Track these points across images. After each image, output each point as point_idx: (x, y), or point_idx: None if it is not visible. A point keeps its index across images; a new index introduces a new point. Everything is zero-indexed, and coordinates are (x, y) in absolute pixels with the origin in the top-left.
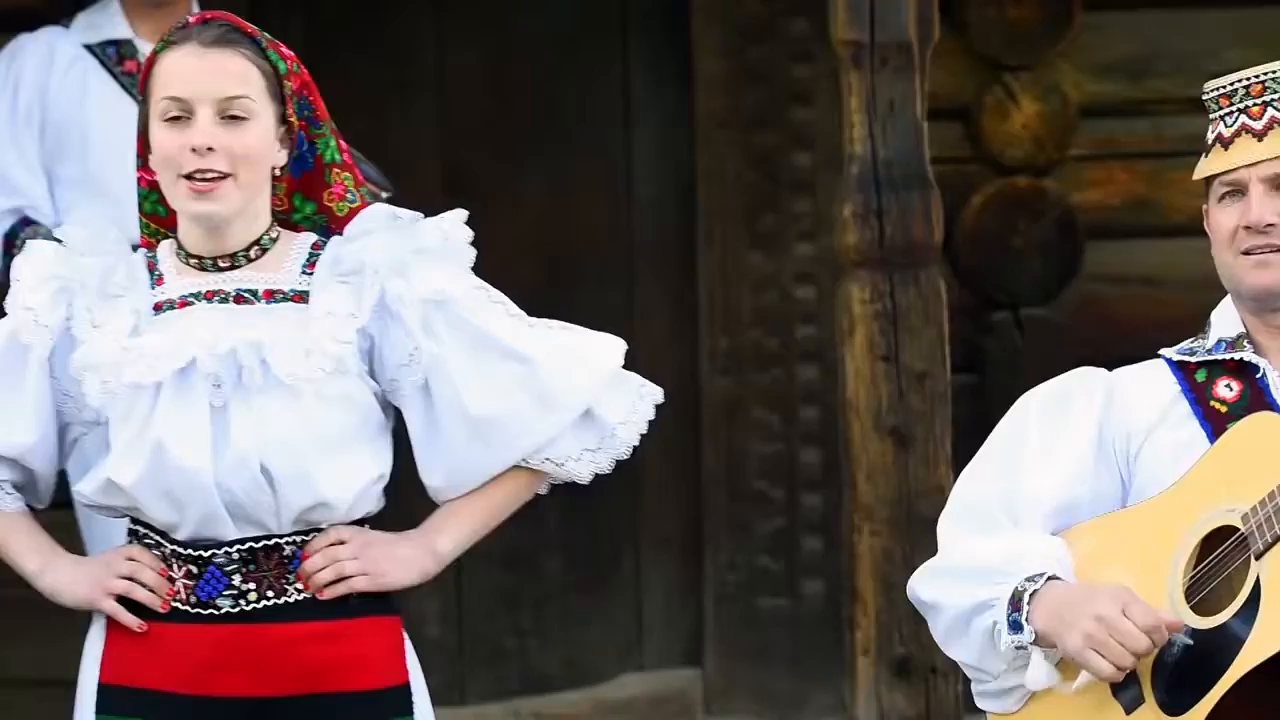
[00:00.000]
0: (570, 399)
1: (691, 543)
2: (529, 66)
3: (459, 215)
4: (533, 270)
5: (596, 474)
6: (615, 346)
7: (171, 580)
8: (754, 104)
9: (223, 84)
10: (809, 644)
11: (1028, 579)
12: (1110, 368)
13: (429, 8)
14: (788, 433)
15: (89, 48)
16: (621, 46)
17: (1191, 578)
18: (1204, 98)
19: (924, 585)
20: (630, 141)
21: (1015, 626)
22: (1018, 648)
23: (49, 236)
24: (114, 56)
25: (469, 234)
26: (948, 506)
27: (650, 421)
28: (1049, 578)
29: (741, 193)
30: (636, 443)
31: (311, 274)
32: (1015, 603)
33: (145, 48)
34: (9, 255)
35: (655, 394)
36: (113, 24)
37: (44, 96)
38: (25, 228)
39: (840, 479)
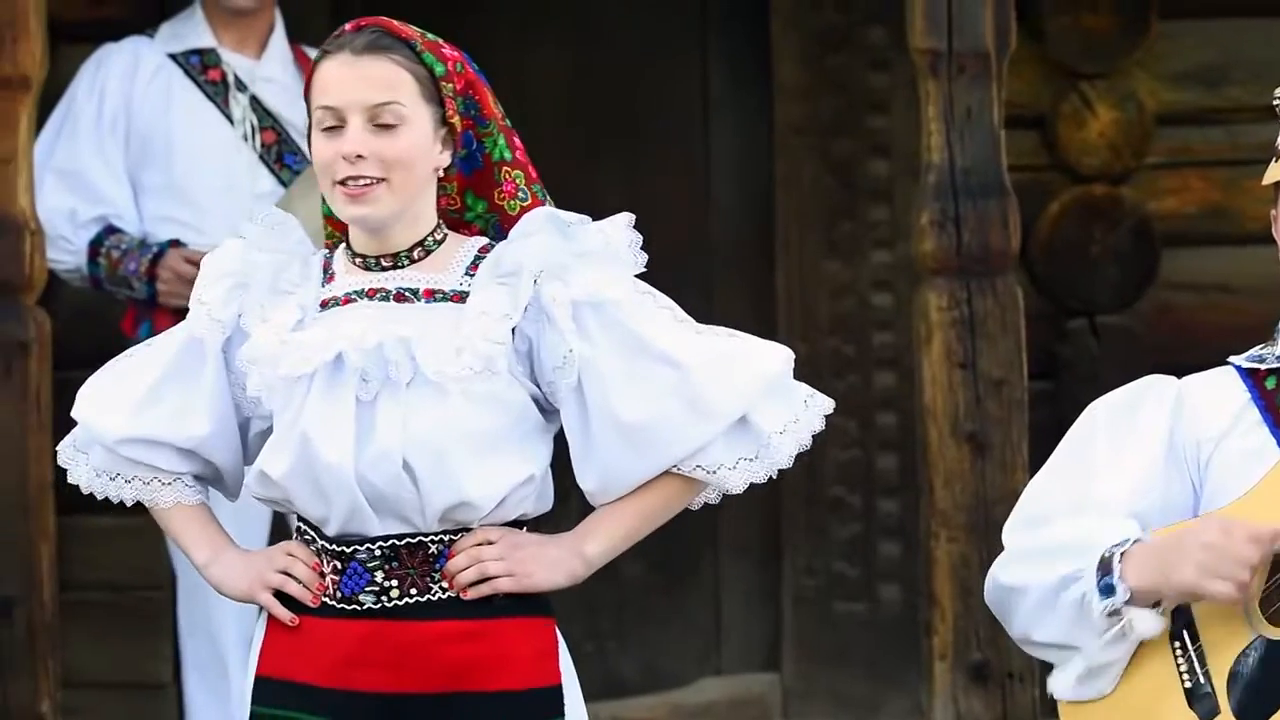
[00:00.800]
0: (723, 406)
1: (770, 548)
2: (608, 73)
3: (624, 219)
4: None
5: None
6: (780, 354)
7: (323, 575)
8: (832, 112)
9: (371, 91)
10: (886, 649)
11: (1114, 545)
12: (1185, 375)
13: (508, 11)
14: (865, 439)
15: (173, 57)
16: (700, 53)
17: (1266, 589)
18: (1274, 104)
19: (1005, 571)
20: (708, 148)
21: (1107, 590)
22: (1111, 613)
23: (141, 244)
24: (197, 65)
25: (634, 237)
26: (1015, 513)
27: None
28: (1135, 540)
29: (819, 200)
30: (797, 453)
31: (474, 276)
32: (1105, 567)
33: (228, 56)
34: (94, 263)
35: (824, 404)
36: (196, 33)
37: (129, 105)
38: (110, 236)
39: (917, 485)
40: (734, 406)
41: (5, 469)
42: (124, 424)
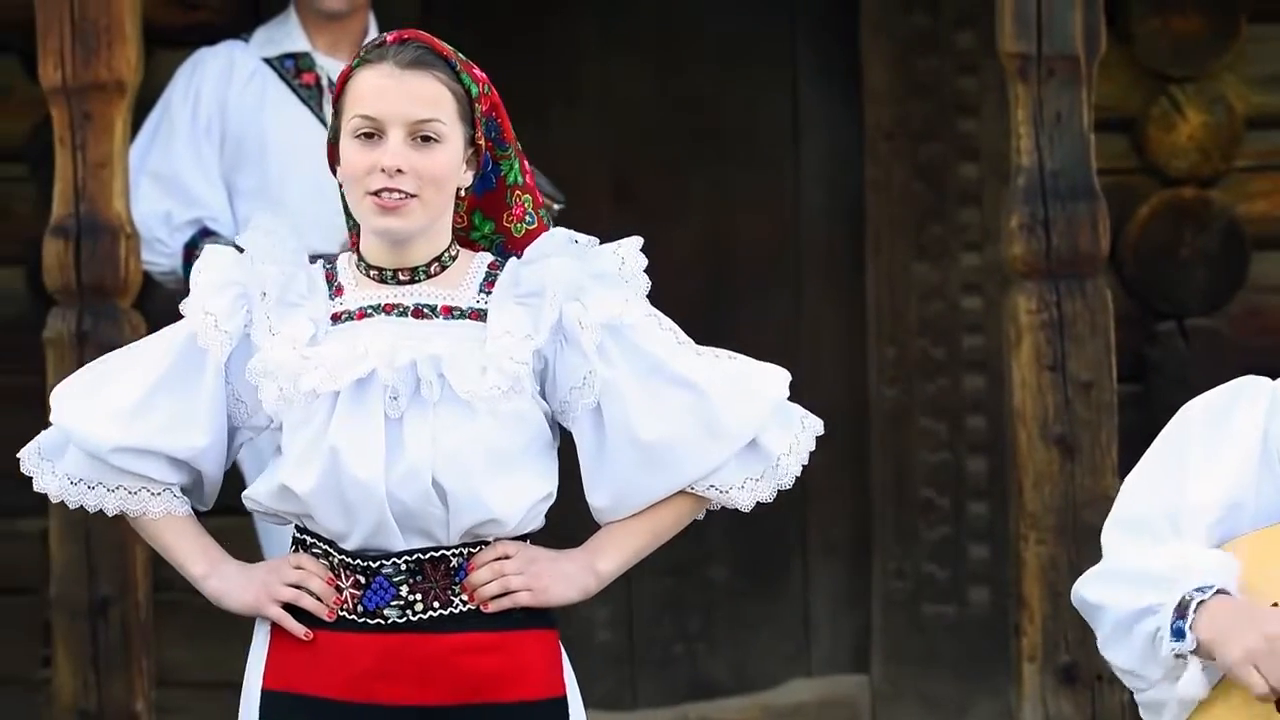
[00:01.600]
0: (738, 428)
1: (859, 550)
2: (696, 77)
3: (635, 242)
4: (700, 281)
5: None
6: (781, 377)
7: (339, 589)
8: (921, 116)
9: (416, 107)
10: (975, 651)
11: (1196, 589)
12: (1274, 377)
13: (595, 19)
14: (954, 441)
15: (268, 61)
16: (789, 57)
17: None
18: None
19: (1090, 587)
20: (797, 152)
21: (1178, 634)
22: (1177, 656)
23: (236, 247)
24: (292, 69)
25: (644, 261)
26: (1111, 515)
27: (819, 430)
28: (1217, 590)
29: (909, 204)
30: (798, 473)
31: (489, 293)
32: (1181, 610)
33: (322, 60)
34: (190, 265)
35: (816, 425)
36: (291, 38)
37: (224, 109)
38: (205, 238)
39: (1006, 487)
40: (747, 429)
41: None
42: (117, 432)
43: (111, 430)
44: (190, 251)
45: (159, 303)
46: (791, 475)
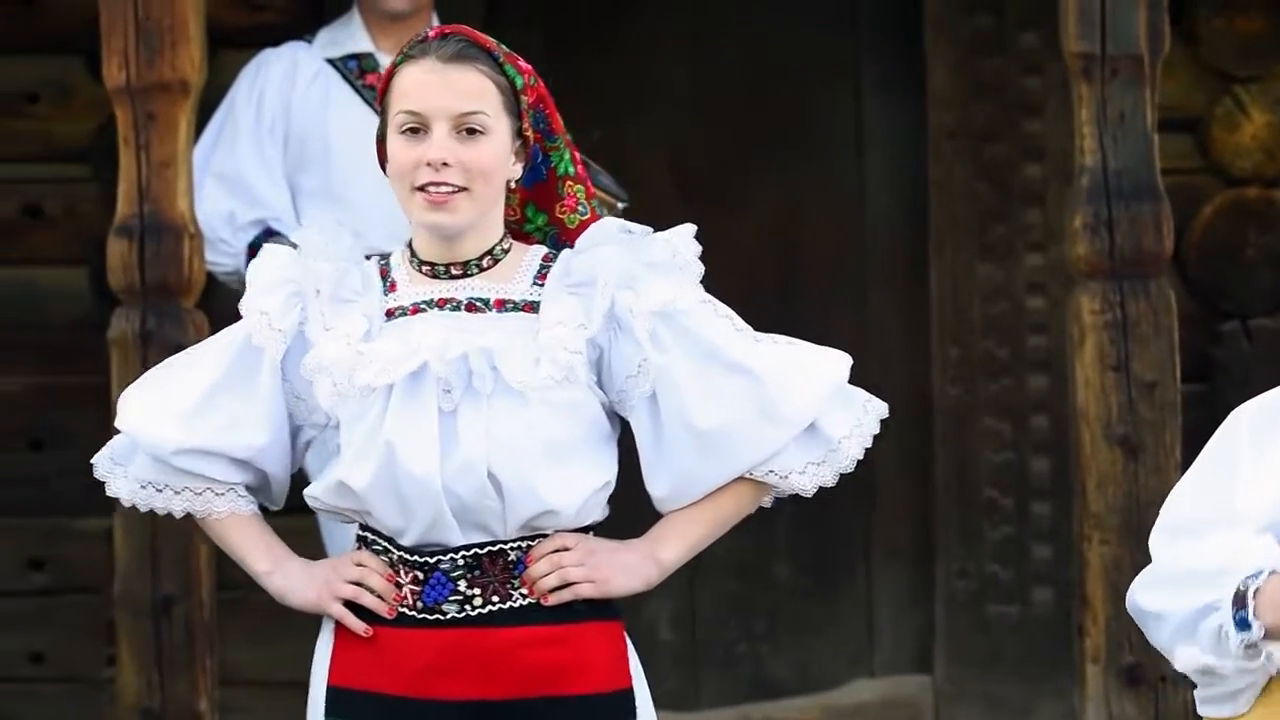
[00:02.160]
0: (795, 413)
1: (922, 550)
2: (761, 76)
3: (688, 230)
4: (765, 280)
5: (821, 487)
6: (841, 360)
7: (398, 586)
8: (985, 116)
9: (459, 100)
10: (1038, 651)
11: (1249, 576)
12: None
13: (664, 19)
14: (1018, 442)
15: (331, 62)
16: (853, 58)
17: None
18: None
19: (1144, 595)
20: (862, 152)
21: (1243, 624)
22: (1248, 646)
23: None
24: (355, 70)
25: (697, 249)
26: (1159, 520)
27: (882, 430)
28: (1271, 572)
29: (972, 204)
30: (860, 456)
31: (542, 285)
32: (1239, 601)
33: (386, 61)
34: None
35: (880, 408)
36: (354, 38)
37: (287, 110)
38: (269, 239)
39: (1070, 488)
40: (805, 413)
41: None
42: (179, 434)
43: (173, 432)
44: (254, 252)
45: (222, 303)
46: (853, 458)
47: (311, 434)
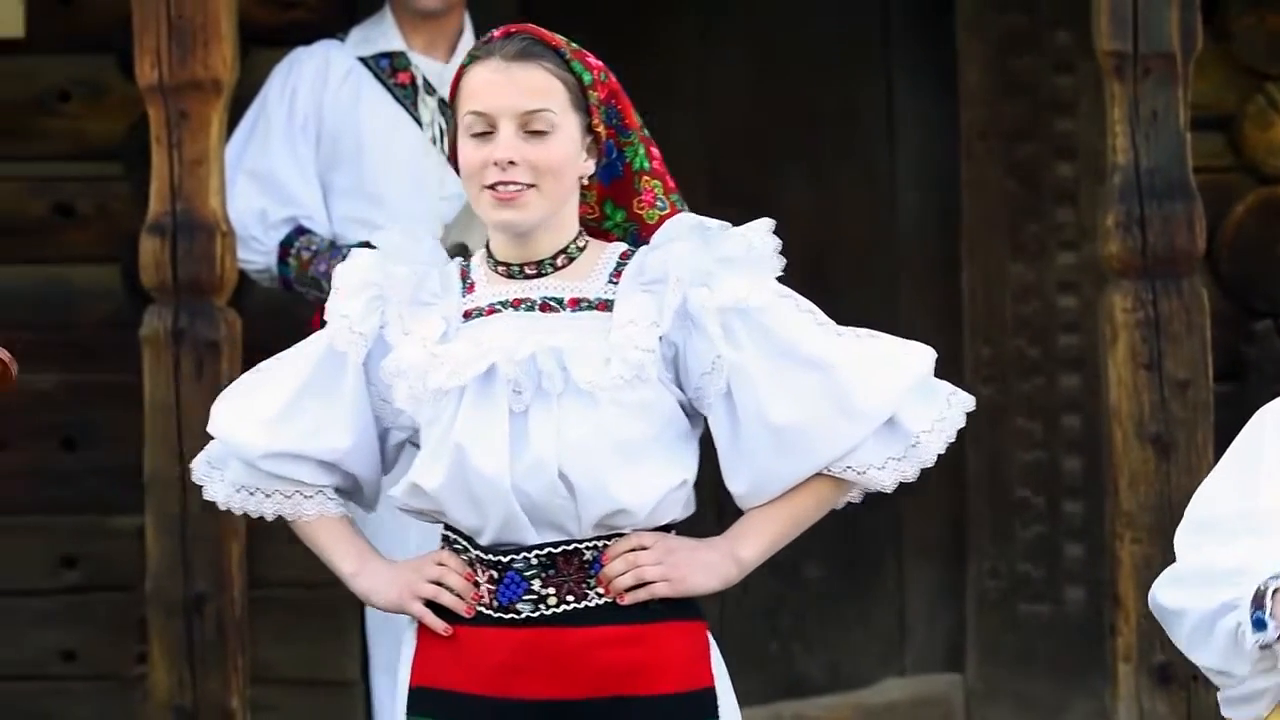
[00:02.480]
0: (872, 407)
1: (954, 549)
2: (793, 76)
3: (765, 224)
4: (795, 279)
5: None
6: (923, 353)
7: (476, 585)
8: (1016, 115)
9: (524, 98)
10: (1070, 650)
11: (1271, 577)
12: None
13: (694, 19)
14: (1050, 440)
15: (363, 60)
16: (884, 57)
17: None
18: None
19: (1165, 592)
20: (893, 151)
21: (1259, 624)
22: (1262, 646)
23: (331, 245)
24: (387, 68)
25: (775, 243)
26: (1184, 521)
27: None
28: None
29: (1004, 203)
30: (943, 451)
31: (618, 283)
32: (1258, 601)
33: (417, 59)
34: (284, 263)
35: (966, 402)
36: (386, 37)
37: (319, 108)
38: (300, 237)
39: (1102, 486)
40: (883, 407)
41: None
42: (266, 438)
43: (260, 437)
44: (285, 250)
45: (254, 300)
46: (934, 453)
47: (400, 436)
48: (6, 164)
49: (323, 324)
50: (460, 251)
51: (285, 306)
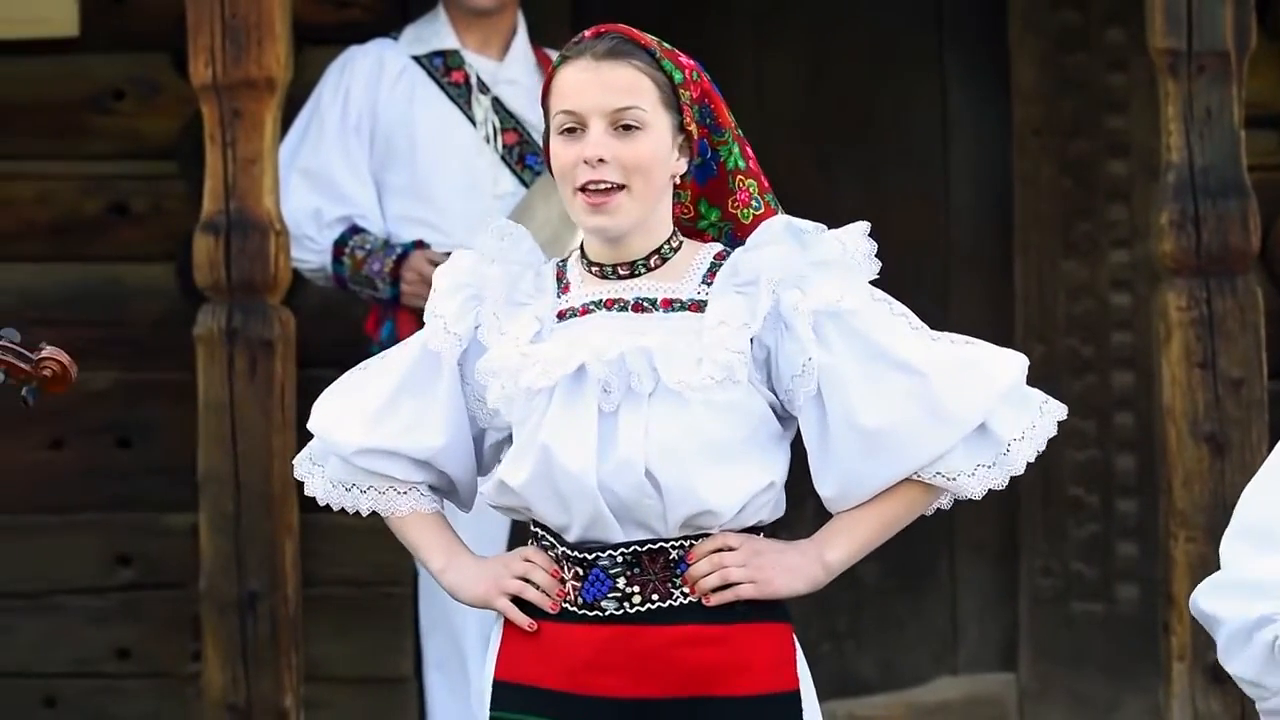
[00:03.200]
0: (963, 413)
1: (1007, 548)
2: (846, 75)
3: (861, 228)
4: None
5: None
6: (1017, 361)
7: (563, 581)
8: (1070, 112)
9: (613, 96)
10: (1124, 649)
11: None
12: None
13: (746, 17)
14: (1103, 439)
15: (417, 59)
16: (938, 55)
17: None
18: None
19: (1206, 598)
20: (946, 150)
21: None
22: None
23: (385, 244)
24: (441, 67)
25: (870, 246)
26: (1231, 524)
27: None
28: None
29: (1057, 201)
30: (1033, 459)
31: (711, 284)
32: None
33: (471, 58)
34: (339, 262)
35: (1058, 411)
36: (440, 36)
37: (373, 107)
38: (354, 235)
39: (1155, 485)
40: (974, 413)
41: (250, 466)
42: (360, 435)
43: (355, 434)
44: (339, 249)
45: (308, 299)
46: (1024, 461)
47: (496, 436)
48: (61, 163)
49: (378, 325)
50: None
51: (339, 305)
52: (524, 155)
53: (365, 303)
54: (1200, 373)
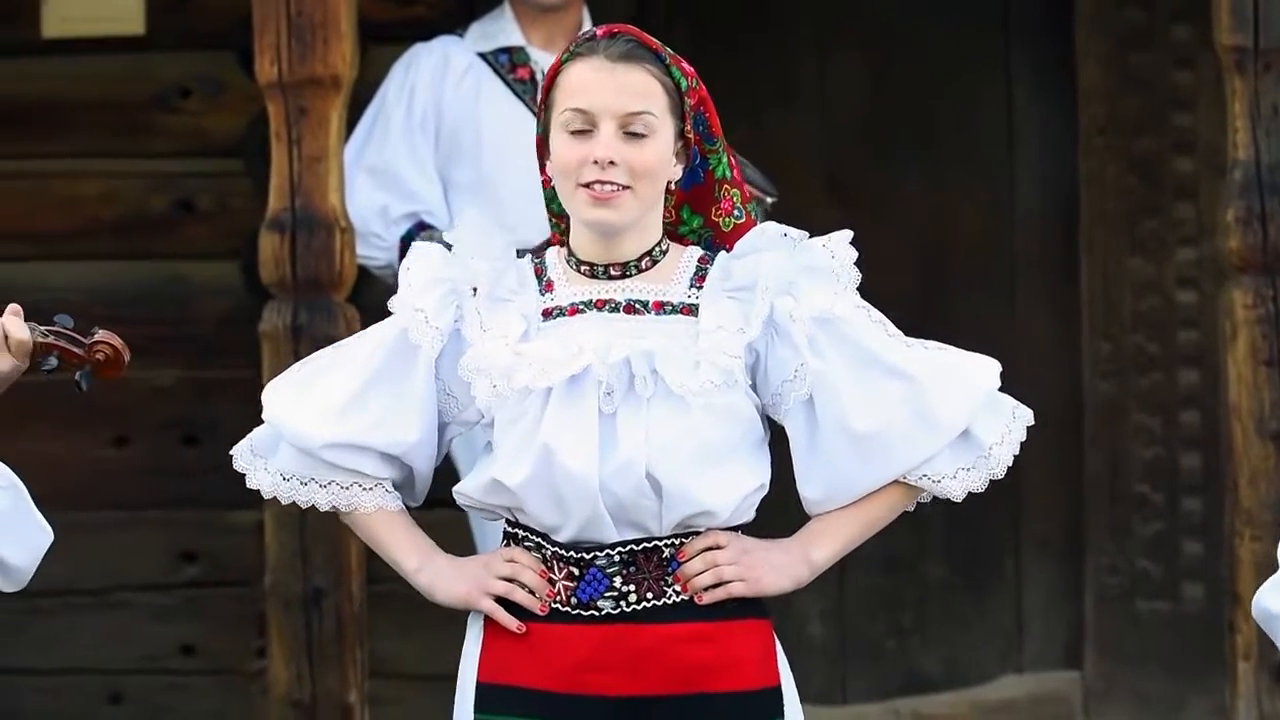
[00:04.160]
0: (951, 418)
1: (1072, 546)
2: (911, 74)
3: (845, 236)
4: (913, 276)
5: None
6: (992, 367)
7: (551, 582)
8: (1136, 110)
9: (627, 99)
10: (1189, 648)
11: None
12: None
13: (811, 15)
14: (1169, 437)
15: (482, 55)
16: (1003, 53)
17: None
18: None
19: (1271, 597)
20: (1012, 147)
21: None
22: None
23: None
24: (506, 64)
25: (854, 254)
26: None
27: (1032, 425)
28: None
29: (1123, 198)
30: (1009, 463)
31: (700, 288)
32: None
33: (536, 54)
34: None
35: (1027, 416)
36: (505, 32)
37: (439, 104)
38: (421, 232)
39: (1221, 483)
40: (960, 419)
41: None
42: (328, 428)
43: (323, 427)
44: (406, 246)
45: (374, 297)
46: (1003, 465)
47: (457, 431)
48: (127, 161)
49: None
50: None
51: None
52: None
53: None
54: (1266, 370)
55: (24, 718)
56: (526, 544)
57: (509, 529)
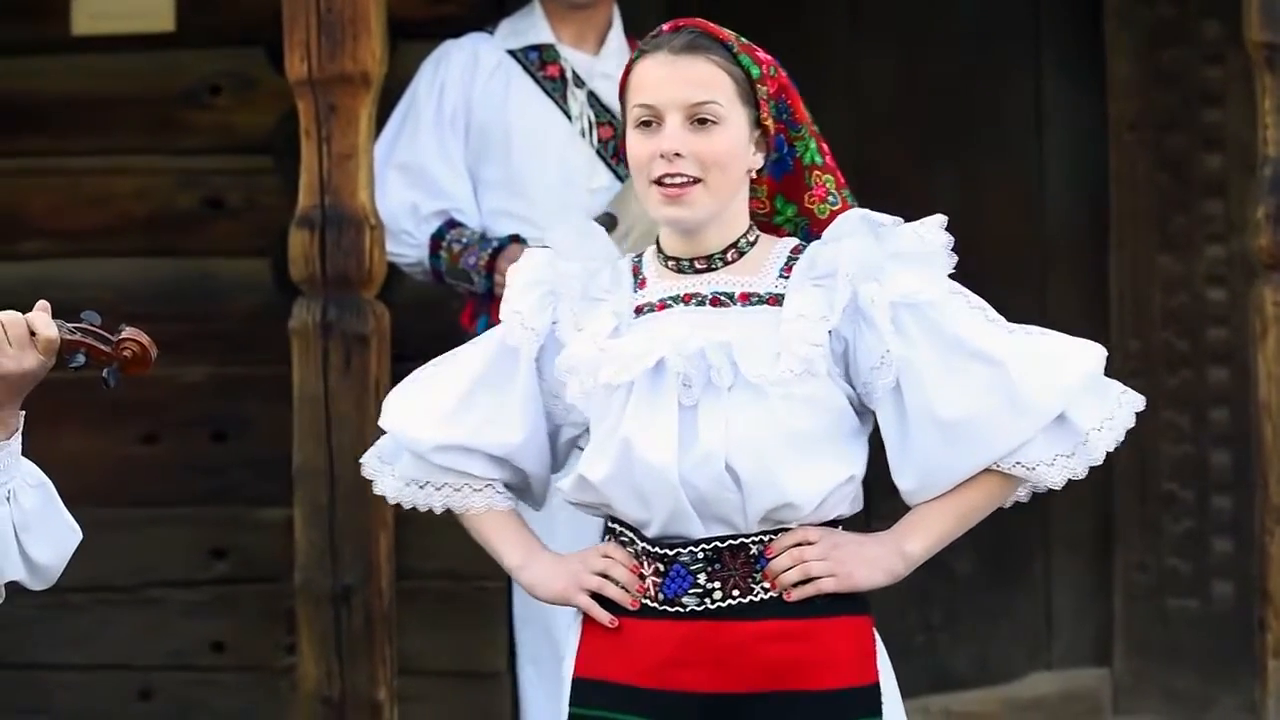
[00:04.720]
0: (1042, 403)
1: (1102, 543)
2: (941, 68)
3: (937, 221)
4: None
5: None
6: (1094, 351)
7: (642, 577)
8: (1165, 106)
9: (690, 90)
10: (1219, 645)
11: None
12: None
13: (842, 9)
14: (1198, 434)
15: (512, 53)
16: (1034, 49)
17: None
18: None
19: None
20: (1041, 143)
21: None
22: None
23: (482, 238)
24: (536, 61)
25: (947, 239)
26: None
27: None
28: None
29: (1152, 195)
30: (1112, 449)
31: (789, 278)
32: None
33: (566, 52)
34: (436, 256)
35: (1136, 401)
36: (535, 29)
37: (468, 101)
38: (451, 229)
39: (1251, 480)
40: (1053, 404)
41: (344, 460)
42: (437, 432)
43: (432, 430)
44: (436, 243)
45: (403, 293)
46: (1103, 451)
47: (572, 433)
48: (156, 157)
49: (474, 318)
50: (608, 221)
51: (434, 300)
52: (619, 149)
53: (461, 296)
54: None
55: (55, 714)
56: (622, 539)
57: (608, 525)
